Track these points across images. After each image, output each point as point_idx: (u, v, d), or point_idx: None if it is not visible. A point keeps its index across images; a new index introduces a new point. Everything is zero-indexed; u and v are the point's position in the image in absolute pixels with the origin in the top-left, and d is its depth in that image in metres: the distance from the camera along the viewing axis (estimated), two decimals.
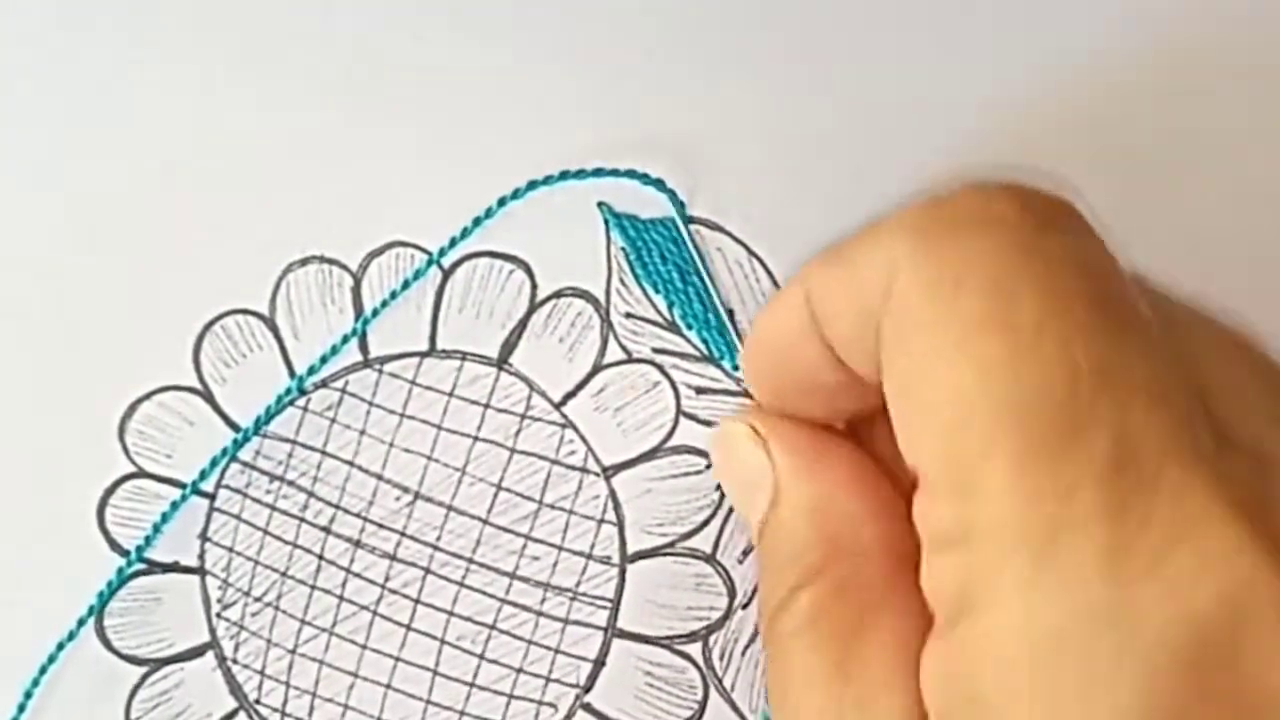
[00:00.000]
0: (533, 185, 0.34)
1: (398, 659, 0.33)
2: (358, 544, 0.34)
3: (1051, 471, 0.23)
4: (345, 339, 0.34)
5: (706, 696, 0.33)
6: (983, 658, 0.23)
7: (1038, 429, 0.23)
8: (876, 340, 0.26)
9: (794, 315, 0.29)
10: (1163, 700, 0.22)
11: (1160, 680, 0.22)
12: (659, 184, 0.35)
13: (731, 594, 0.33)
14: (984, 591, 0.23)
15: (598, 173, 0.34)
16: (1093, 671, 0.22)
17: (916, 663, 0.25)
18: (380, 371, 0.34)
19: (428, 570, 0.34)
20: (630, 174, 0.34)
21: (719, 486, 0.34)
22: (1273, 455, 0.24)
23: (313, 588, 0.34)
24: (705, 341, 0.34)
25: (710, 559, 0.33)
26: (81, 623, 0.33)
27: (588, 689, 0.33)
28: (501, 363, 0.34)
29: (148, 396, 0.34)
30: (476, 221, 0.34)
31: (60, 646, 0.33)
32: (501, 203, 0.34)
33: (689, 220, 0.35)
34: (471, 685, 0.33)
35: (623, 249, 0.34)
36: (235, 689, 0.33)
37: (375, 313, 0.34)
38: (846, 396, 0.29)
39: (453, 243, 0.34)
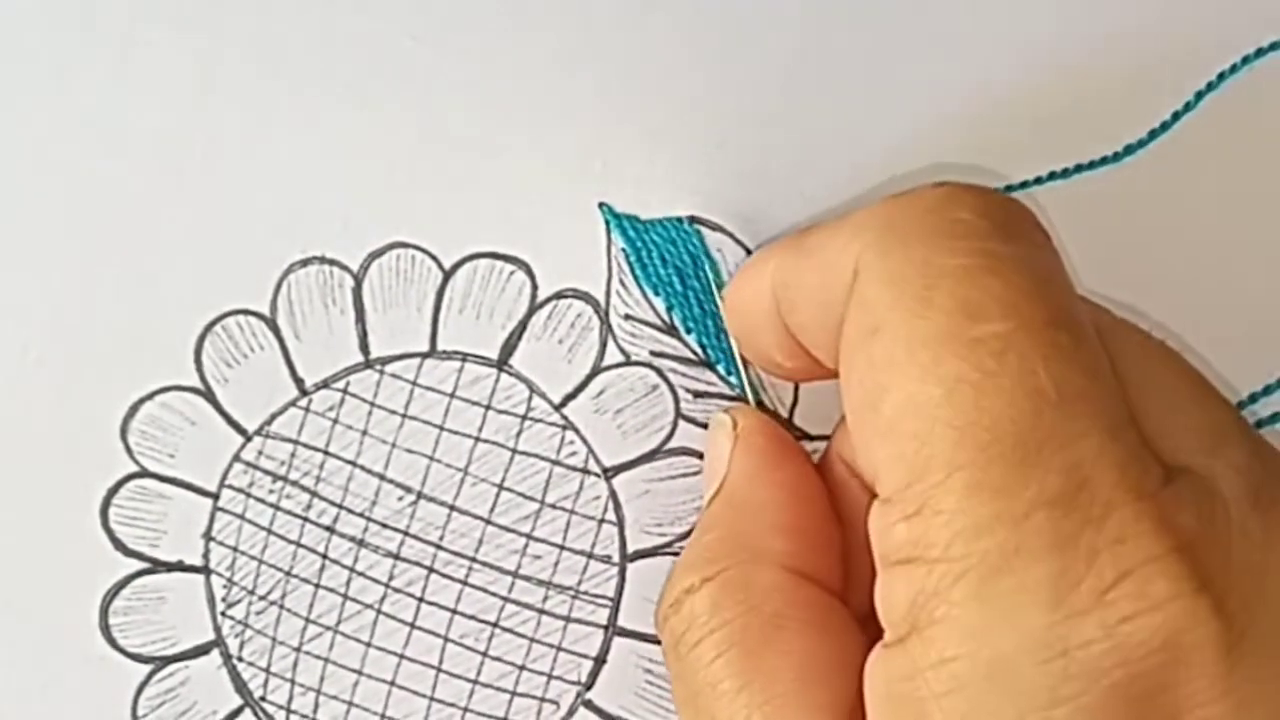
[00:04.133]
0: None
1: (402, 656, 0.34)
2: (361, 543, 0.34)
3: (1006, 498, 0.23)
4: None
5: None
6: (929, 678, 0.24)
7: (996, 455, 0.23)
8: (838, 333, 0.27)
9: (760, 298, 0.30)
10: None
11: (1096, 714, 0.23)
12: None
13: None
14: (933, 612, 0.24)
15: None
16: (1032, 700, 0.23)
17: (823, 678, 0.27)
18: (382, 372, 0.35)
19: (431, 569, 0.34)
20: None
21: None
22: (1205, 478, 0.25)
23: (317, 586, 0.34)
24: (703, 346, 0.34)
25: None
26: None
27: (589, 686, 0.34)
28: (502, 364, 0.35)
29: (150, 396, 0.35)
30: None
31: None
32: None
33: (695, 221, 0.35)
34: (474, 682, 0.34)
35: (623, 250, 0.35)
36: (240, 686, 0.34)
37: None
38: (804, 373, 0.30)
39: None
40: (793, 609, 0.27)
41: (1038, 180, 0.35)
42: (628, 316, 0.35)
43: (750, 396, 0.34)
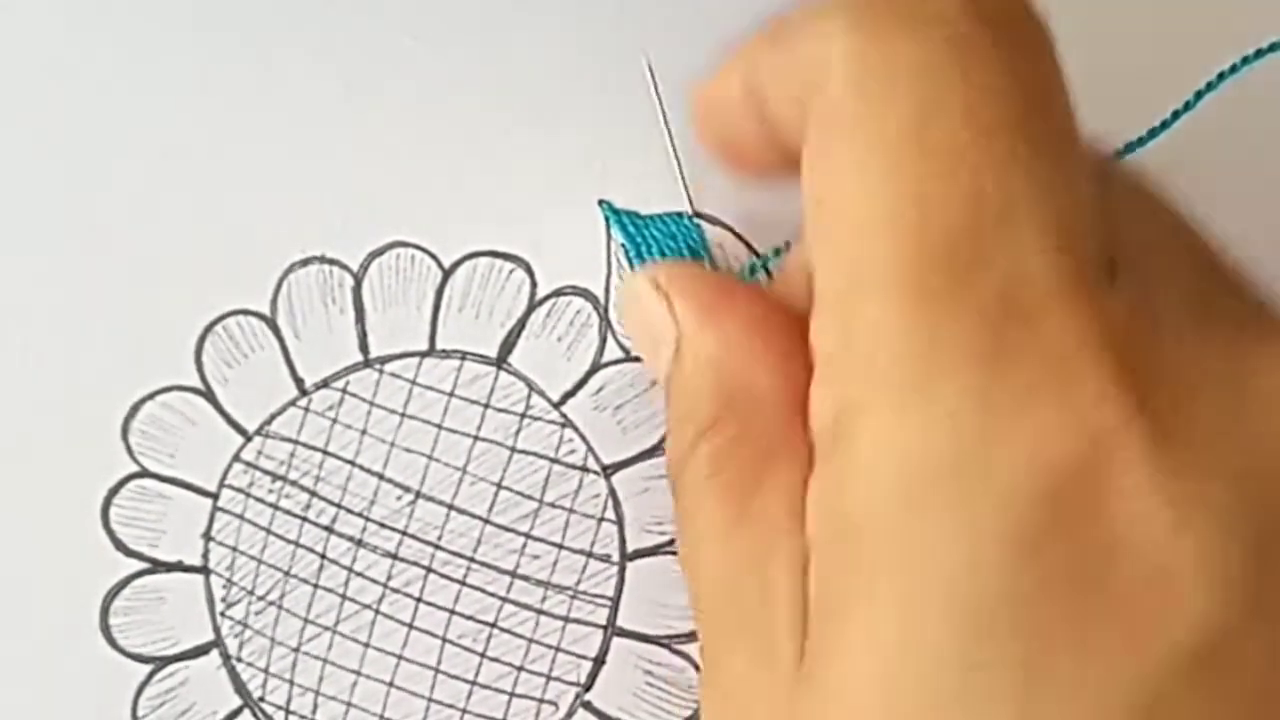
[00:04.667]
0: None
1: (400, 657, 0.34)
2: (360, 543, 0.34)
3: (936, 309, 0.23)
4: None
5: None
6: (854, 489, 0.23)
7: (932, 263, 0.23)
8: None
9: (733, 88, 0.28)
10: (1018, 536, 0.22)
11: (1016, 520, 0.22)
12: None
13: None
14: (857, 421, 0.23)
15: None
16: (955, 509, 0.22)
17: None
18: (380, 371, 0.35)
19: (429, 569, 0.34)
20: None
21: None
22: (1150, 278, 0.24)
23: (315, 586, 0.34)
24: None
25: None
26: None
27: (588, 687, 0.34)
28: (501, 362, 0.35)
29: (150, 397, 0.35)
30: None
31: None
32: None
33: (696, 214, 0.35)
34: (473, 683, 0.34)
35: (622, 245, 0.35)
36: (240, 687, 0.34)
37: None
38: (779, 166, 0.28)
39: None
40: (793, 440, 0.26)
41: None
42: None
43: None
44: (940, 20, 0.24)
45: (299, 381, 0.35)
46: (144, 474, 0.34)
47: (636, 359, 0.34)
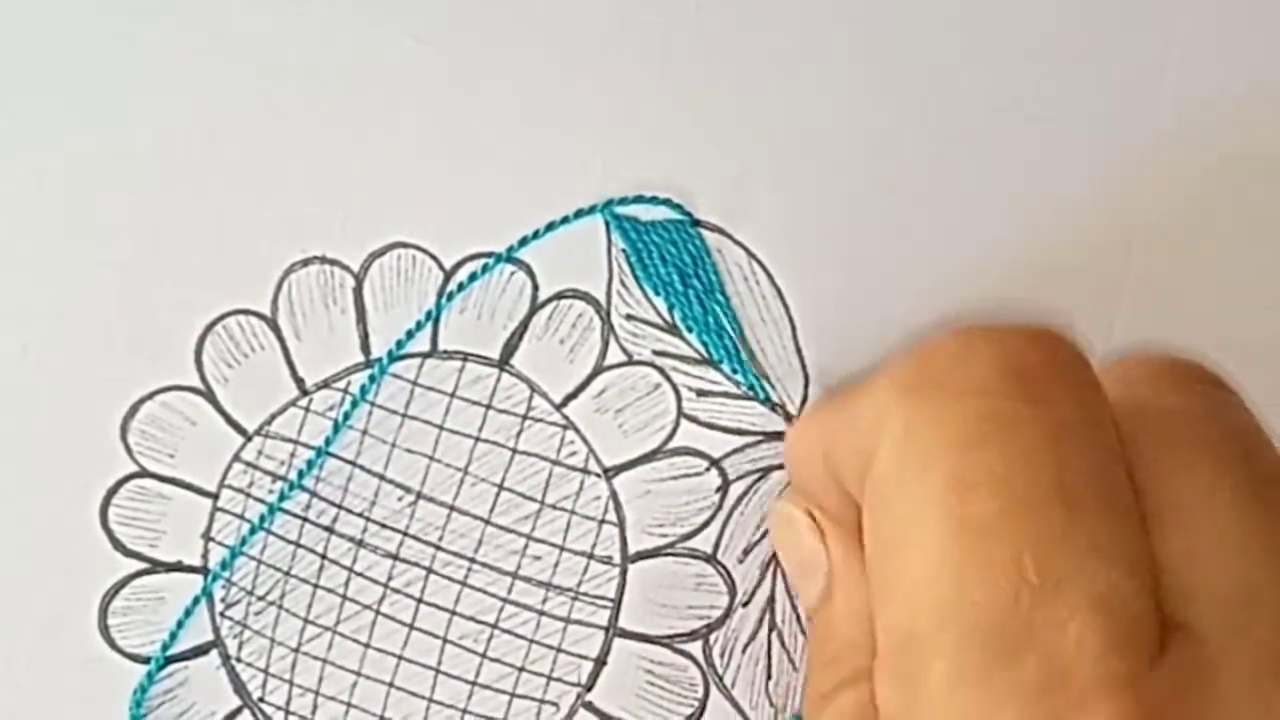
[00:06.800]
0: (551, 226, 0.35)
1: (400, 658, 0.34)
2: (360, 544, 0.34)
3: (981, 688, 0.23)
4: (420, 324, 0.34)
5: (707, 694, 0.33)
6: None
7: (975, 642, 0.23)
8: None
9: (813, 460, 0.30)
10: None
11: None
12: (668, 202, 0.35)
13: (732, 593, 0.34)
14: None
15: (609, 204, 0.35)
16: None
17: None
18: (382, 372, 0.35)
19: (430, 570, 0.34)
20: (639, 199, 0.35)
21: (719, 489, 0.34)
22: (1208, 652, 0.24)
23: (315, 587, 0.34)
24: (705, 344, 0.34)
25: (711, 559, 0.34)
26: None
27: (589, 688, 0.34)
28: (503, 364, 0.35)
29: (150, 396, 0.35)
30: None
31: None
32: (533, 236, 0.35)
33: (695, 223, 0.35)
34: (473, 684, 0.34)
35: (624, 251, 0.35)
36: (239, 687, 0.34)
37: (451, 296, 0.35)
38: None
39: (523, 242, 0.35)
40: None
41: None
42: (629, 316, 0.35)
43: (759, 393, 0.34)
44: (979, 392, 0.24)
45: (299, 381, 0.35)
46: (143, 474, 0.34)
47: (639, 363, 0.34)
